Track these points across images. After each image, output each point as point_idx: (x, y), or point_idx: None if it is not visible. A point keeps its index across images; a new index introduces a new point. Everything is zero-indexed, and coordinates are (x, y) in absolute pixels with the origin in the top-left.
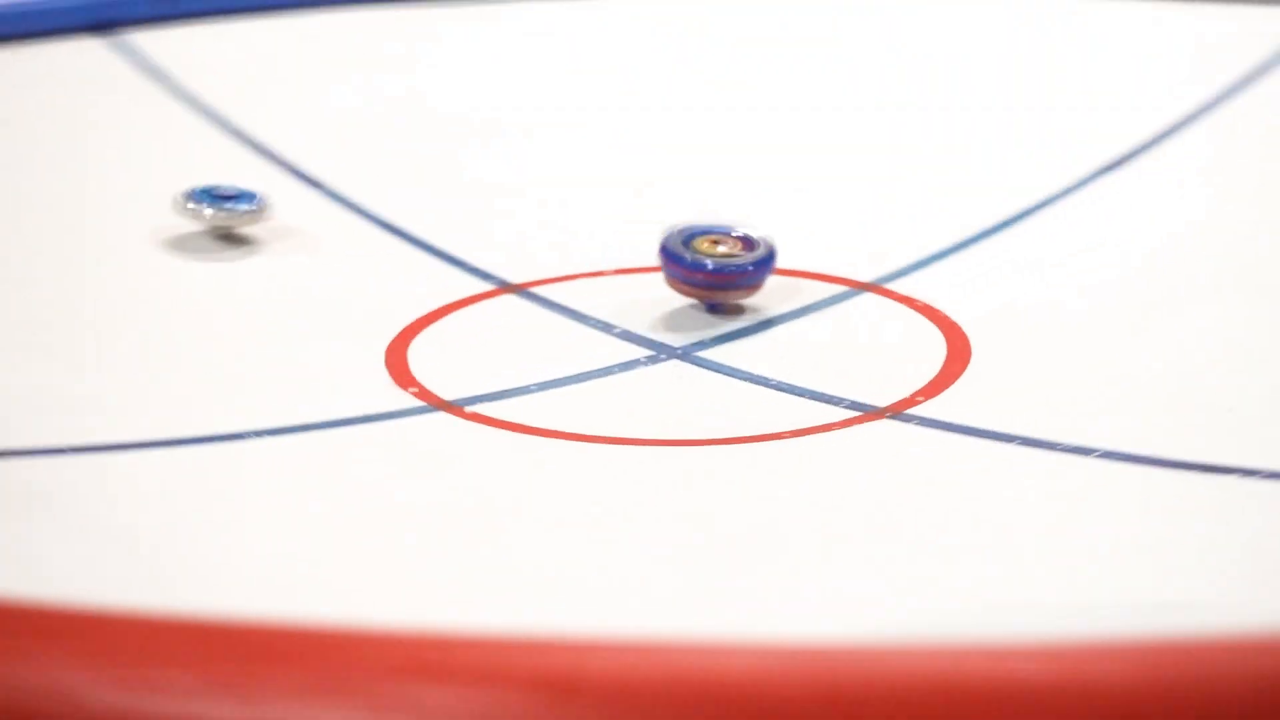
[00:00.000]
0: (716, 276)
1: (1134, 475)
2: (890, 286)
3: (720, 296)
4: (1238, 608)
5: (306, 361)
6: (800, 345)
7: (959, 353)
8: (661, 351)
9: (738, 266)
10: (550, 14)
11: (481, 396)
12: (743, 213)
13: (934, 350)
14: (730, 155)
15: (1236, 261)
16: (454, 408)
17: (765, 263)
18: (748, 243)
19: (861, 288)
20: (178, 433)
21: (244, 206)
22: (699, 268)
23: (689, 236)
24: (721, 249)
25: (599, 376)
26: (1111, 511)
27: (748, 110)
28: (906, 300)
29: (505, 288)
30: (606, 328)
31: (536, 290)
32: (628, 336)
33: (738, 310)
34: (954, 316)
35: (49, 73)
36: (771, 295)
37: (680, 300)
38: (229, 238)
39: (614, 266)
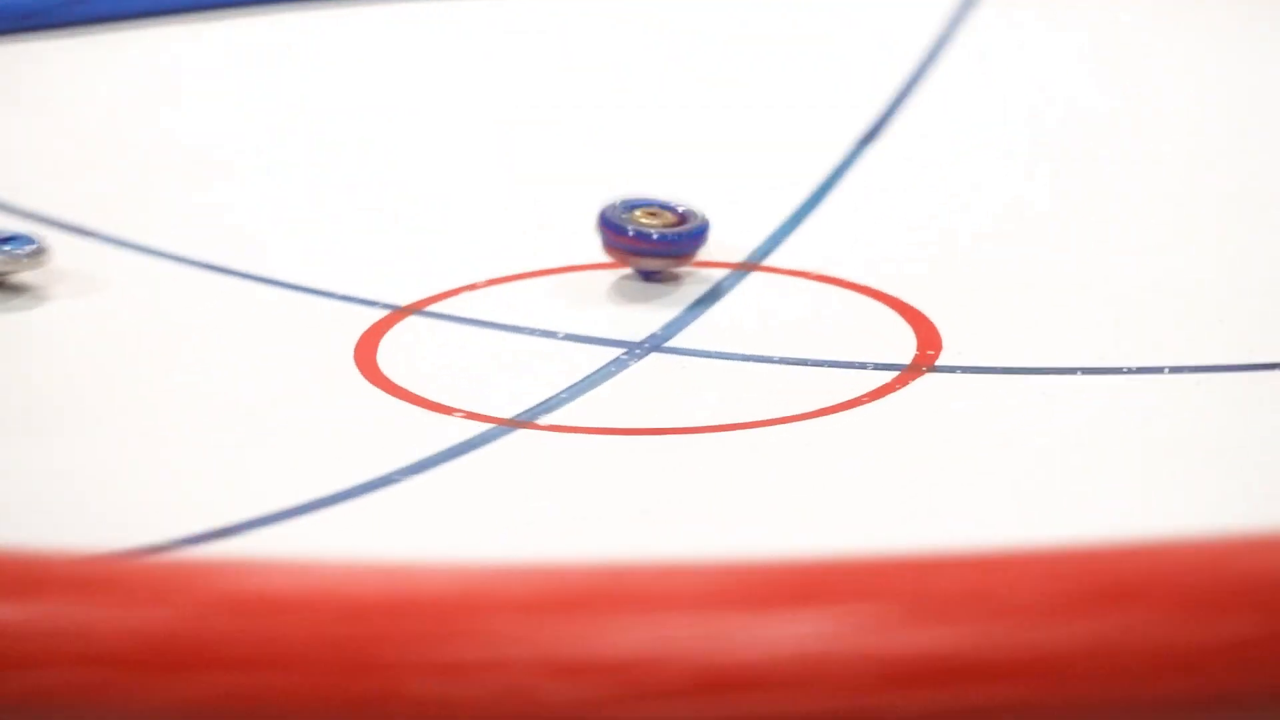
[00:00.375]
0: (662, 244)
1: (1215, 383)
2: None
3: (661, 264)
4: None
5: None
6: (746, 322)
7: (905, 307)
8: (634, 347)
9: (677, 234)
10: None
11: (535, 409)
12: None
13: (878, 310)
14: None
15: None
16: (527, 423)
17: (703, 231)
18: (681, 216)
19: (745, 268)
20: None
21: (24, 249)
22: (644, 237)
23: (626, 209)
24: (659, 221)
25: (606, 379)
26: (1215, 422)
27: (638, 109)
28: (798, 272)
29: (399, 311)
30: (549, 334)
31: (433, 309)
32: (577, 339)
33: (669, 280)
34: (862, 279)
35: None
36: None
37: (587, 293)
38: (2, 286)
39: (485, 278)
